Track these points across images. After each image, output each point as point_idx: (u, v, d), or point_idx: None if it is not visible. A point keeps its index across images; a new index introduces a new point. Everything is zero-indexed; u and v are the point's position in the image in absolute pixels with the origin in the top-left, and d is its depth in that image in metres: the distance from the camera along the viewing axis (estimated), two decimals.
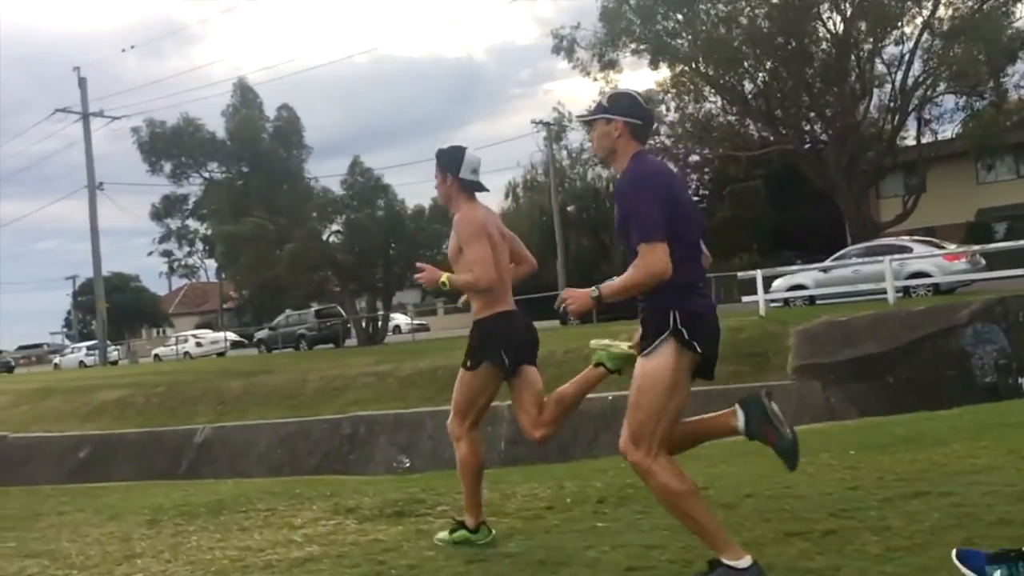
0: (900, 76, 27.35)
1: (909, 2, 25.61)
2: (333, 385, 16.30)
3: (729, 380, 14.14)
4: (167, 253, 63.99)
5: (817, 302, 19.21)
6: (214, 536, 4.52)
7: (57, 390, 19.97)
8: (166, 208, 28.49)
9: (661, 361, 2.83)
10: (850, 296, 17.66)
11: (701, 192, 46.88)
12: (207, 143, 26.31)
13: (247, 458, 14.55)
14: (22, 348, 56.73)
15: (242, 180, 26.92)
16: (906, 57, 26.87)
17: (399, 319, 35.52)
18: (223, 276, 50.97)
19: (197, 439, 15.29)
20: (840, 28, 27.20)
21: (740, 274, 17.17)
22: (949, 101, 29.89)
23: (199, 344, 34.21)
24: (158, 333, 59.04)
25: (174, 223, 33.86)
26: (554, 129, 38.61)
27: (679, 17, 28.56)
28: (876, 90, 29.14)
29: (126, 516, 5.42)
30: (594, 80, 30.73)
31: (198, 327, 48.76)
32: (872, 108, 29.93)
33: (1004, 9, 25.55)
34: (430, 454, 13.57)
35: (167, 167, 26.11)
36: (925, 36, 26.29)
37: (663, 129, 33.39)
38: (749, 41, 28.21)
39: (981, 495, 3.65)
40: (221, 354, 33.26)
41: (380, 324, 27.94)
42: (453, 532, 3.81)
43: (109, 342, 36.00)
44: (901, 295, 16.41)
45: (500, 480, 5.60)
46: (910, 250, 18.54)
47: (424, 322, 37.19)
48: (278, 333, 30.19)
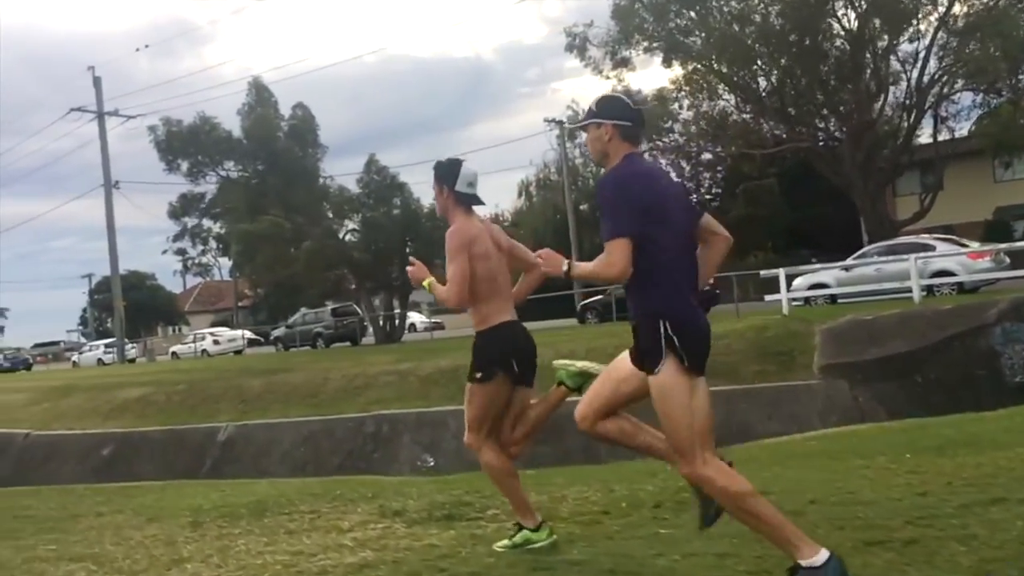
0: (916, 73, 27.12)
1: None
2: (354, 384, 16.25)
3: (755, 379, 14.07)
4: (181, 251, 64.30)
5: (839, 301, 19.06)
6: (261, 540, 4.45)
7: (78, 388, 20.00)
8: (183, 206, 28.52)
9: (668, 377, 2.86)
10: (873, 295, 17.49)
11: (714, 190, 46.70)
12: (223, 142, 26.30)
13: (270, 457, 14.51)
14: (38, 346, 57.05)
15: (258, 179, 26.89)
16: (921, 54, 26.64)
17: (414, 317, 35.48)
18: (238, 274, 51.16)
19: (220, 437, 15.27)
20: (855, 25, 26.97)
21: (763, 272, 17.03)
22: (966, 98, 29.67)
23: (216, 342, 34.26)
24: (174, 331, 59.24)
25: (191, 221, 33.97)
26: (567, 127, 38.42)
27: (692, 15, 28.37)
28: (892, 87, 28.91)
29: (166, 518, 5.36)
30: (606, 78, 30.61)
31: (213, 325, 48.92)
32: (888, 105, 29.70)
33: (1021, 5, 25.25)
34: (454, 453, 13.48)
35: (184, 166, 26.10)
36: (940, 33, 26.02)
37: (677, 127, 33.30)
38: (762, 38, 28.01)
39: None
40: (238, 352, 33.30)
41: (397, 323, 27.89)
42: (513, 537, 3.73)
43: (126, 340, 36.10)
44: (925, 294, 16.23)
45: (544, 482, 5.51)
46: (933, 248, 18.36)
47: (439, 320, 37.13)
48: (295, 331, 30.18)
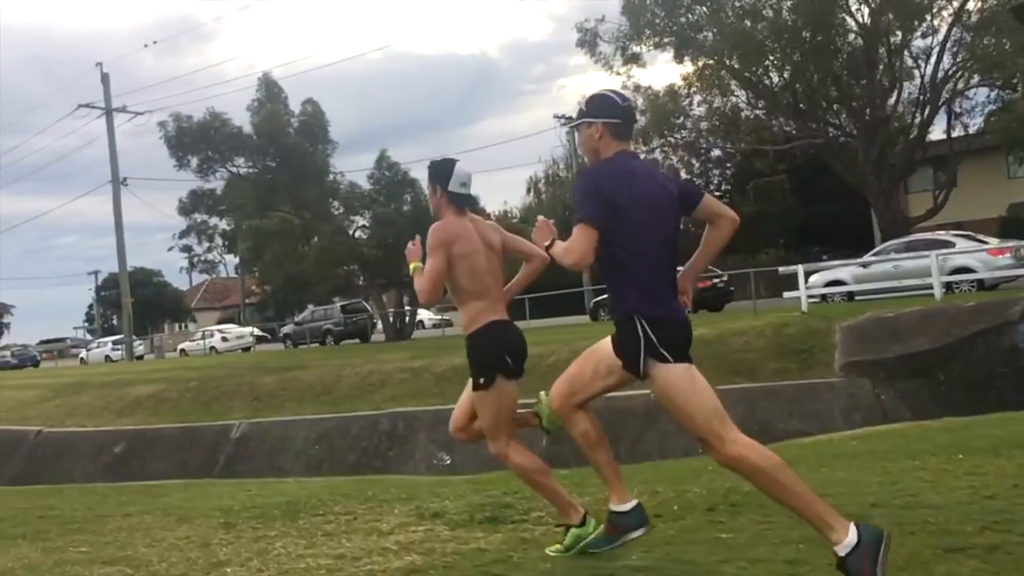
0: (929, 69, 26.89)
1: None
2: (368, 381, 16.13)
3: (775, 377, 13.91)
4: (187, 248, 64.46)
5: (856, 298, 18.90)
6: (299, 542, 4.32)
7: (90, 384, 19.92)
8: (193, 203, 28.42)
9: (660, 375, 2.92)
10: (891, 292, 17.33)
11: (724, 187, 46.48)
12: (233, 137, 26.20)
13: (285, 454, 14.41)
14: (44, 343, 57.07)
15: (268, 175, 26.80)
16: (935, 50, 26.42)
17: (423, 314, 35.36)
18: (247, 271, 51.13)
19: (234, 435, 15.16)
20: (868, 19, 26.75)
21: (781, 269, 16.87)
22: (981, 94, 29.42)
23: (225, 339, 34.16)
24: (180, 328, 59.20)
25: (200, 218, 33.93)
26: (571, 125, 38.20)
27: (703, 10, 28.19)
28: (905, 83, 28.68)
29: (197, 518, 5.23)
30: (616, 74, 30.43)
31: (220, 322, 48.86)
32: (901, 101, 29.48)
33: None
34: (472, 452, 13.26)
35: (193, 162, 26.00)
36: (955, 29, 25.79)
37: (688, 123, 33.07)
38: (774, 34, 27.79)
39: None
40: (247, 349, 33.20)
41: (407, 319, 27.77)
42: (564, 540, 3.60)
43: (134, 337, 36.03)
44: (944, 291, 16.07)
45: (582, 483, 5.36)
46: (952, 245, 18.18)
47: (447, 317, 37.02)
48: (304, 328, 30.07)
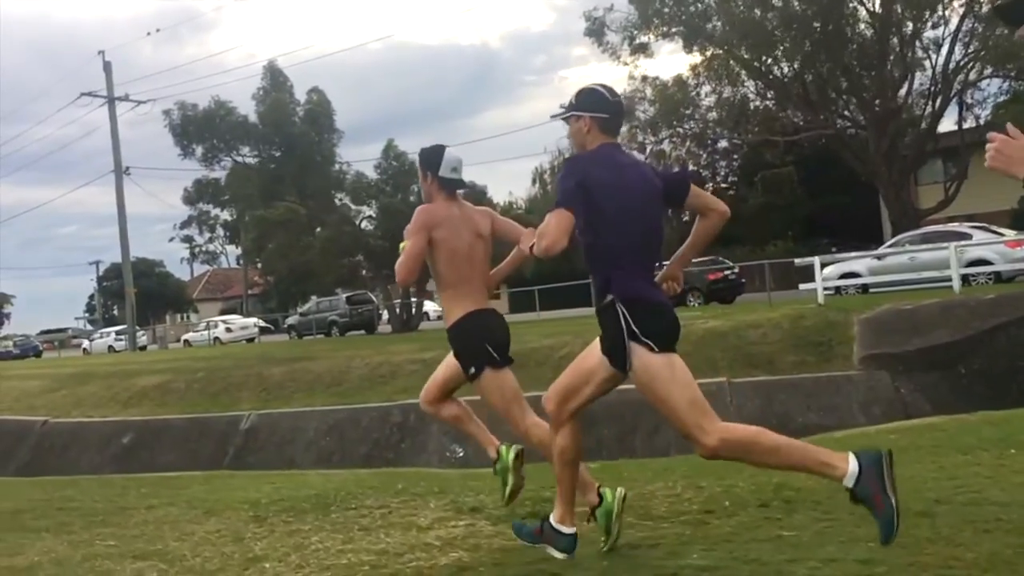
0: (941, 60, 26.68)
1: None
2: (379, 372, 15.98)
3: (792, 369, 13.75)
4: (188, 239, 64.29)
5: (871, 290, 18.77)
6: (335, 537, 4.18)
7: (95, 375, 19.77)
8: (198, 192, 28.21)
9: (643, 365, 2.93)
10: (907, 284, 17.18)
11: (731, 179, 46.26)
12: (239, 126, 26.00)
13: (295, 446, 14.26)
14: (44, 333, 56.91)
15: (273, 164, 26.61)
16: (946, 40, 26.19)
17: (428, 306, 35.19)
18: (252, 262, 50.91)
19: (243, 426, 15.01)
20: (879, 9, 26.51)
21: (798, 261, 16.71)
22: (993, 85, 29.22)
23: (229, 330, 34.02)
24: (182, 319, 59.06)
25: (203, 208, 33.73)
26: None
27: None
28: (917, 73, 28.47)
29: (224, 511, 5.08)
30: (624, 64, 30.20)
31: (222, 313, 48.71)
32: (912, 92, 29.27)
33: None
34: None
35: (199, 151, 25.81)
36: (967, 20, 25.56)
37: (696, 114, 32.83)
38: (784, 23, 27.57)
39: None
40: (251, 340, 33.06)
41: (414, 311, 27.61)
42: (600, 523, 3.50)
43: (137, 327, 35.89)
44: (961, 283, 15.92)
45: (617, 476, 5.23)
46: (969, 237, 18.02)
47: None
48: (310, 319, 29.93)
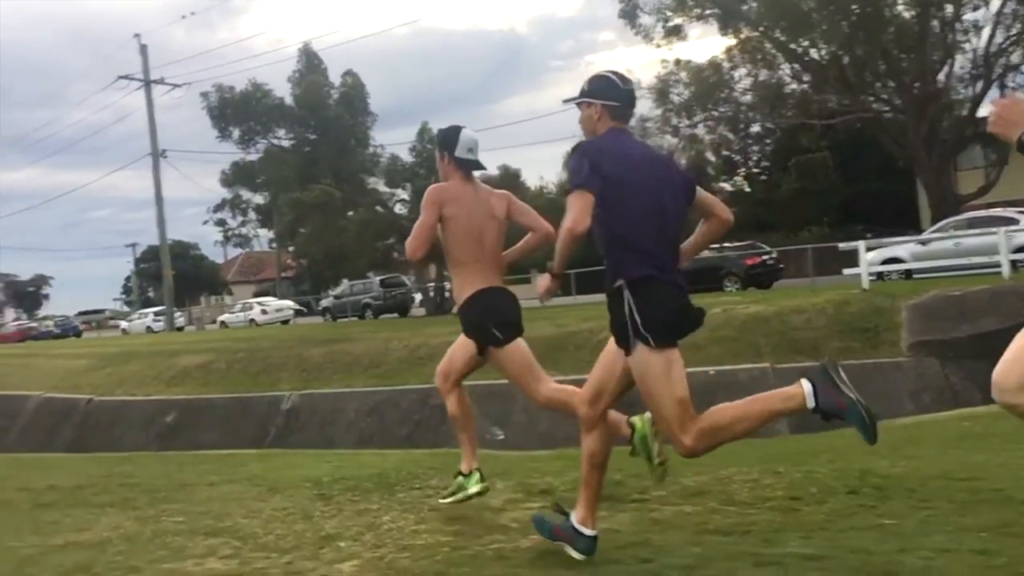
0: (982, 43, 25.98)
1: None
2: (417, 354, 15.96)
3: (839, 356, 13.45)
4: (221, 222, 64.79)
5: (914, 276, 18.41)
6: (407, 516, 4.12)
7: (138, 354, 20.00)
8: (235, 175, 28.35)
9: (641, 355, 2.90)
10: (953, 270, 16.81)
11: (763, 164, 45.64)
12: (275, 109, 26.04)
13: (336, 426, 14.31)
14: (83, 314, 57.81)
15: (308, 146, 26.64)
16: (987, 23, 25.50)
17: None
18: (284, 245, 51.23)
19: (284, 406, 15.10)
20: None
21: (842, 245, 16.40)
22: None
23: (264, 311, 34.26)
24: (217, 300, 59.68)
25: (238, 192, 33.90)
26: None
27: None
28: (958, 56, 27.76)
29: (288, 489, 5.05)
30: (656, 47, 29.76)
31: (256, 295, 49.10)
32: (952, 76, 28.58)
33: None
34: (524, 427, 13.20)
35: (235, 133, 25.89)
36: (1008, 2, 24.84)
37: (730, 97, 32.32)
38: (821, 5, 26.97)
39: None
40: (285, 322, 33.30)
41: (448, 294, 27.58)
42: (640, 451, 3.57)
43: (174, 308, 36.29)
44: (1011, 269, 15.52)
45: (686, 460, 5.12)
46: (1016, 222, 17.56)
47: None
48: (344, 302, 30.06)
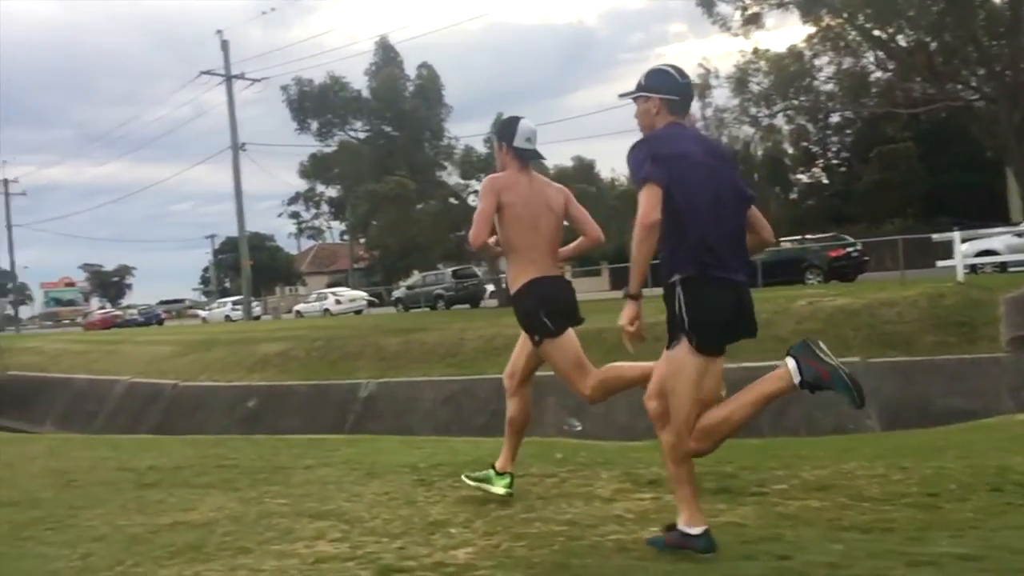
0: None
1: None
2: (493, 344, 15.89)
3: (933, 351, 12.91)
4: (295, 215, 66.08)
5: (1009, 269, 17.58)
6: (514, 504, 4.00)
7: (219, 342, 20.47)
8: (314, 167, 28.77)
9: (680, 354, 2.90)
10: None
11: (842, 155, 44.21)
12: (352, 101, 26.32)
13: (413, 415, 14.37)
14: (163, 303, 59.74)
15: (383, 139, 26.86)
16: None
17: None
18: (355, 237, 51.95)
19: (362, 394, 15.23)
20: None
21: (936, 236, 15.70)
22: None
23: (338, 301, 34.79)
24: (291, 291, 60.97)
25: (312, 185, 34.41)
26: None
27: None
28: None
29: (386, 474, 4.99)
30: (734, 36, 29.04)
31: (328, 286, 49.95)
32: None
33: None
34: (602, 418, 12.98)
35: (314, 125, 26.27)
36: None
37: (812, 87, 31.33)
38: None
39: None
40: (358, 312, 33.73)
41: None
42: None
43: (252, 298, 37.14)
44: None
45: (793, 453, 4.88)
46: None
47: None
48: (417, 293, 30.28)
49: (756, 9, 28.68)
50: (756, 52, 29.87)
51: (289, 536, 3.73)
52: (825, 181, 42.45)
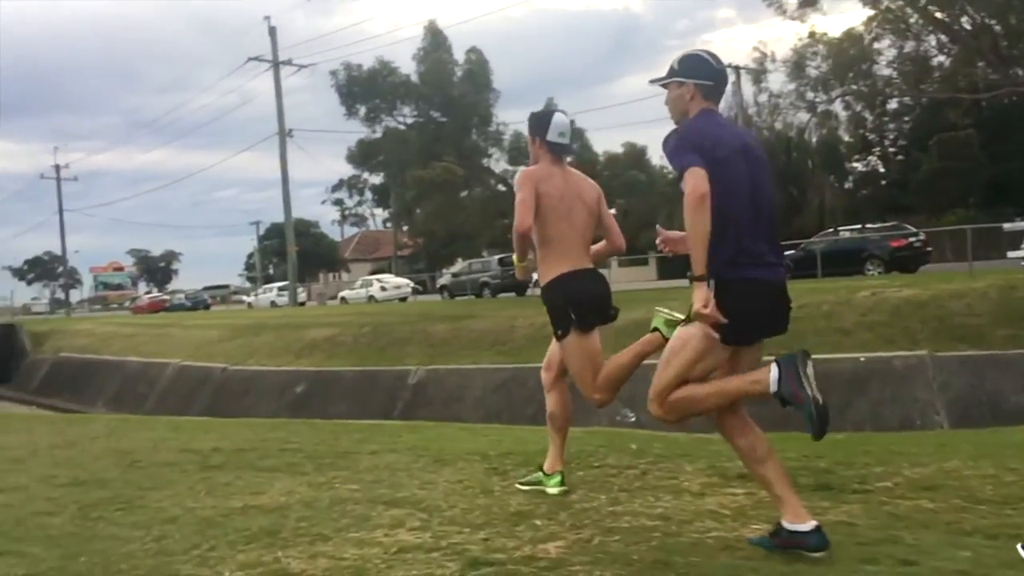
0: None
1: None
2: (544, 332, 15.52)
3: (1006, 344, 12.38)
4: (339, 202, 66.62)
5: None
6: (597, 497, 3.81)
7: (267, 327, 20.59)
8: (361, 153, 28.77)
9: (699, 333, 2.84)
10: None
11: (900, 142, 43.02)
12: (400, 86, 26.23)
13: (463, 403, 14.26)
14: (208, 288, 60.57)
15: (432, 124, 26.74)
16: None
17: None
18: (398, 224, 52.19)
19: (411, 380, 15.17)
20: None
21: (1007, 226, 15.12)
22: None
23: (383, 288, 34.86)
24: (335, 277, 61.42)
25: (357, 172, 34.52)
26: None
27: None
28: None
29: (456, 462, 4.83)
30: (790, 19, 28.33)
31: (372, 273, 50.20)
32: None
33: None
34: None
35: (362, 110, 26.24)
36: None
37: (872, 72, 30.44)
38: None
39: None
40: (403, 299, 33.76)
41: None
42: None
43: (297, 284, 37.41)
44: None
45: (873, 449, 4.61)
46: None
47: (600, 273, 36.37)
48: (463, 280, 30.18)
49: None
50: (813, 35, 29.13)
51: (366, 524, 3.59)
52: (881, 169, 41.39)
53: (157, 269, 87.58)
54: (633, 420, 13.10)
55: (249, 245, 75.70)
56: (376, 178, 46.06)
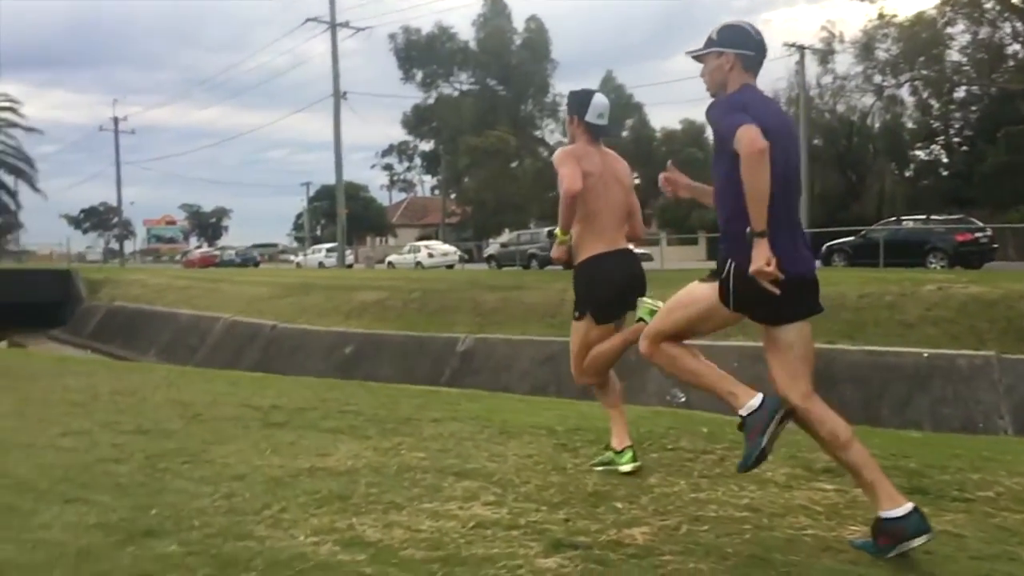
0: None
1: None
2: None
3: None
4: (388, 167, 66.67)
5: None
6: (675, 481, 3.66)
7: (317, 286, 20.70)
8: (416, 117, 28.65)
9: (707, 292, 2.85)
10: None
11: (966, 133, 41.60)
12: (458, 52, 25.99)
13: (510, 373, 14.17)
14: (257, 246, 61.31)
15: (488, 92, 26.50)
16: None
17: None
18: (446, 192, 52.09)
19: (459, 348, 15.11)
20: None
21: None
22: None
23: (431, 255, 34.88)
24: (382, 242, 61.69)
25: (411, 139, 34.41)
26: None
27: None
28: None
29: (521, 435, 4.71)
30: (859, 1, 27.47)
31: (419, 239, 50.30)
32: None
33: None
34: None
35: (419, 75, 26.08)
36: None
37: (943, 58, 29.40)
38: None
39: None
40: (450, 267, 33.75)
41: None
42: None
43: (346, 246, 37.61)
44: None
45: (962, 453, 4.36)
46: None
47: (646, 251, 35.93)
48: (511, 251, 30.03)
49: None
50: (882, 16, 28.21)
51: (439, 495, 3.49)
52: (944, 160, 40.07)
53: (208, 224, 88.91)
54: (683, 400, 12.92)
55: (298, 205, 76.24)
56: (426, 144, 46.03)
